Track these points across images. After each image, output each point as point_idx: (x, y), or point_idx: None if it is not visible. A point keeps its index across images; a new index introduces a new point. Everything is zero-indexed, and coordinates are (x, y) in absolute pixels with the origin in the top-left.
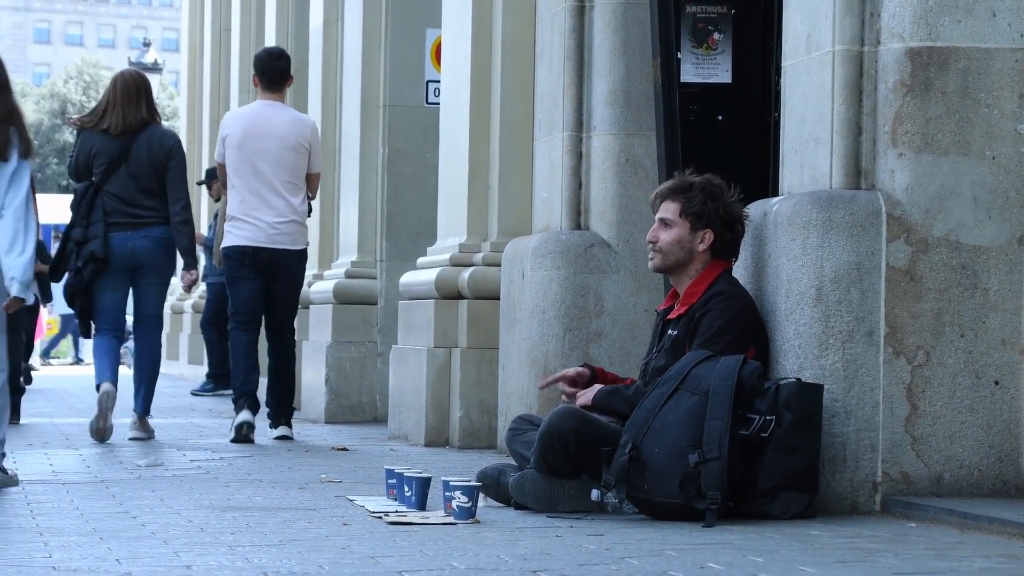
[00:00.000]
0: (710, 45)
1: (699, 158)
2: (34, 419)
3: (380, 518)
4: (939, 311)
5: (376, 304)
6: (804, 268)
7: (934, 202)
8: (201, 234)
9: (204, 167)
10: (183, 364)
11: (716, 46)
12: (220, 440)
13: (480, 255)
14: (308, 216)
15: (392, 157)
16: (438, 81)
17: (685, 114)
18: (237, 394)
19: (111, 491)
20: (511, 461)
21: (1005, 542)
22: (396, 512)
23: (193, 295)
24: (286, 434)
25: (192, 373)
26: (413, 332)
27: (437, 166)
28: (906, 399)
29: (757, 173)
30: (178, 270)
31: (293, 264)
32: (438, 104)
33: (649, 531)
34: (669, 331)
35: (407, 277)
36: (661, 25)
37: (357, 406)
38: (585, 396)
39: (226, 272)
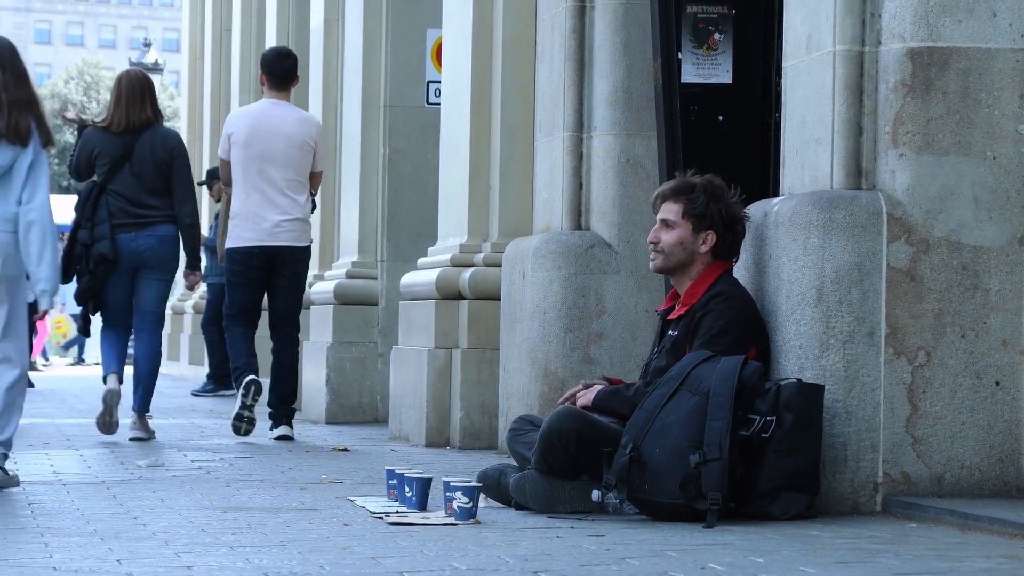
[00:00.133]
0: (711, 45)
1: (700, 158)
2: (35, 419)
3: (381, 519)
4: (940, 311)
5: (377, 305)
6: (805, 268)
7: (935, 202)
8: (203, 235)
9: (205, 168)
10: (184, 365)
11: (717, 46)
12: (221, 441)
13: (481, 255)
14: (311, 213)
15: (393, 157)
16: (439, 81)
17: (686, 114)
18: (239, 372)
19: (112, 492)
20: (512, 462)
21: (1006, 543)
22: (397, 513)
23: (194, 296)
24: (287, 434)
25: (193, 374)
26: (414, 333)
27: (438, 166)
28: (907, 400)
29: (758, 173)
30: (181, 265)
31: (297, 261)
32: (439, 104)
33: (650, 532)
34: (669, 332)
35: (408, 277)
36: (662, 25)
37: (358, 407)
38: (586, 397)
39: (227, 271)
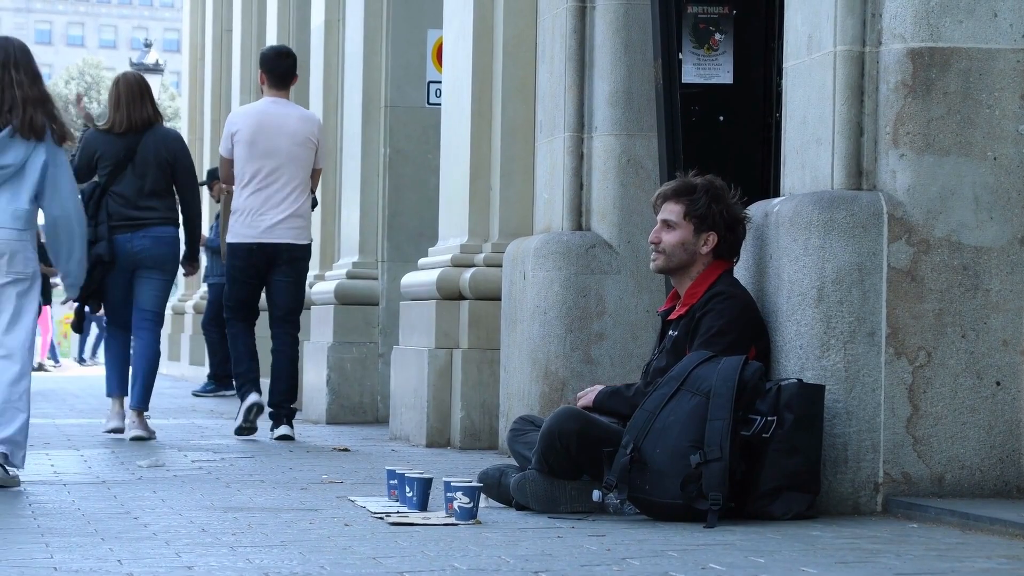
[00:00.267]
0: (711, 46)
1: (700, 159)
2: (35, 420)
3: (381, 519)
4: (940, 312)
5: (377, 305)
6: (805, 269)
7: (935, 203)
8: (203, 235)
9: (206, 168)
10: (184, 365)
11: (717, 47)
12: (222, 441)
13: (481, 256)
14: (312, 210)
15: (393, 158)
16: (439, 82)
17: (686, 115)
18: (241, 380)
19: (112, 492)
20: (512, 462)
21: (1007, 543)
22: (397, 513)
23: (194, 296)
24: (287, 433)
25: (193, 374)
26: (414, 333)
27: (438, 167)
28: (907, 400)
29: (758, 174)
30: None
31: (298, 258)
32: (439, 105)
33: (650, 532)
34: (670, 332)
35: (408, 278)
36: (662, 26)
37: (358, 407)
38: (586, 397)
39: (228, 267)
